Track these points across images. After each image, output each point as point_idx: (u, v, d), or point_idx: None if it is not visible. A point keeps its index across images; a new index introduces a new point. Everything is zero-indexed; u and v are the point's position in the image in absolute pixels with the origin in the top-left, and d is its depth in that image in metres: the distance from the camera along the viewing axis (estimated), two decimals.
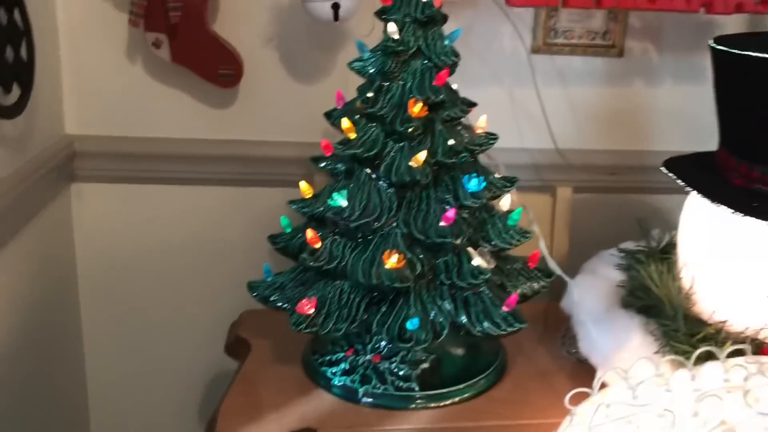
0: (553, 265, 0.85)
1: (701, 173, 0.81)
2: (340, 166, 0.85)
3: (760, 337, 0.73)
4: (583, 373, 0.89)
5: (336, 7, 1.05)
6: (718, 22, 1.31)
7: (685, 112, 1.34)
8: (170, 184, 1.29)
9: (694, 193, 0.83)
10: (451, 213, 0.77)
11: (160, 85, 1.23)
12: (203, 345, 1.33)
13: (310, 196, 0.87)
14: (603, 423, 0.67)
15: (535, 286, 0.87)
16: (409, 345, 0.75)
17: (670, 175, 0.81)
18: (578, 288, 0.87)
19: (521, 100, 1.31)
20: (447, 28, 0.86)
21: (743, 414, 0.59)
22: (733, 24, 1.30)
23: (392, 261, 0.76)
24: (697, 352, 0.68)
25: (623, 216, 1.37)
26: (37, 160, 1.10)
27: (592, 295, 0.86)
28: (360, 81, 1.25)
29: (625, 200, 1.35)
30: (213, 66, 1.18)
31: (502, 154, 1.28)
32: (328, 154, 0.87)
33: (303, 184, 0.87)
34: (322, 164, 0.86)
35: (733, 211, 0.72)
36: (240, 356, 0.96)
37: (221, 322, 1.32)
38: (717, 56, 0.78)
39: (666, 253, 0.90)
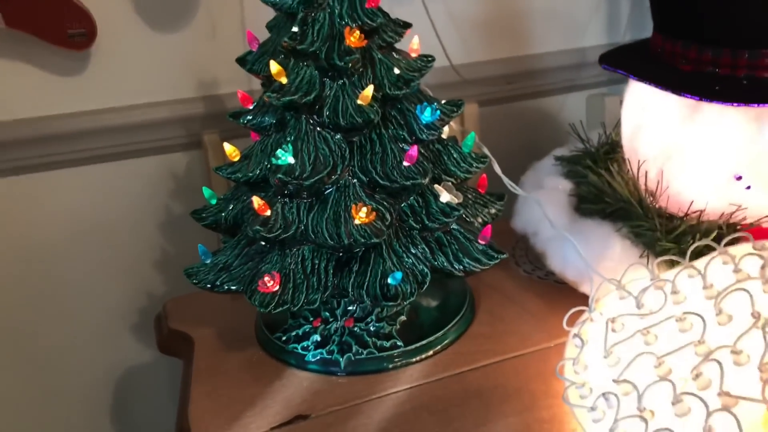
0: (512, 185, 0.81)
1: (645, 64, 0.78)
2: (268, 119, 0.74)
3: (734, 220, 0.73)
4: (550, 290, 0.87)
5: None
6: None
7: (560, 10, 1.34)
8: (29, 172, 1.10)
9: (636, 88, 0.81)
10: (413, 151, 0.70)
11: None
12: (108, 346, 1.19)
13: (237, 158, 0.75)
14: (619, 341, 0.64)
15: (492, 211, 0.82)
16: (397, 302, 0.68)
17: (620, 72, 0.77)
18: (535, 205, 0.83)
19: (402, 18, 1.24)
20: None
21: None
22: None
23: (361, 215, 0.68)
24: (693, 245, 0.67)
25: (527, 124, 1.36)
26: None
27: (550, 209, 0.82)
28: (232, 22, 1.13)
29: (522, 108, 1.34)
30: (60, 26, 1.00)
31: None
32: (249, 107, 0.76)
33: (228, 147, 0.75)
34: (247, 119, 0.74)
35: (699, 98, 0.70)
36: (181, 352, 0.85)
37: (122, 317, 1.19)
38: None
39: (607, 154, 0.89)
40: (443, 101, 0.78)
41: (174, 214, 1.19)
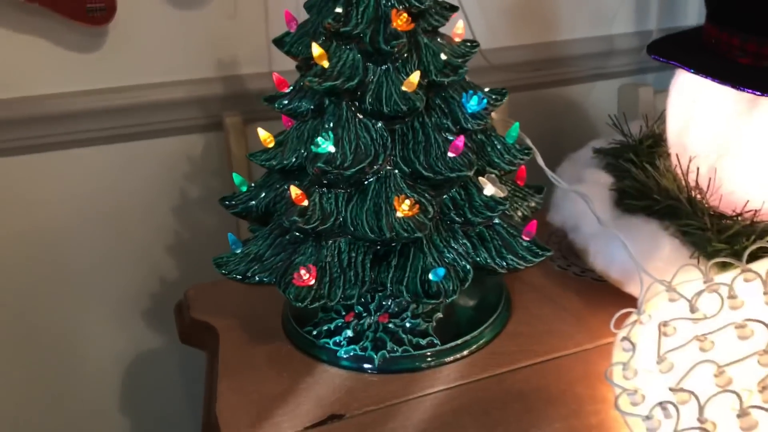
0: (556, 179, 0.77)
1: (698, 56, 0.75)
2: (305, 104, 0.70)
3: None
4: (588, 288, 0.84)
5: None
6: None
7: None
8: (43, 151, 1.06)
9: (686, 80, 0.78)
10: (459, 141, 0.66)
11: (11, 32, 0.99)
12: (119, 332, 1.16)
13: (272, 145, 0.72)
14: (673, 348, 0.61)
15: (532, 204, 0.79)
16: (438, 300, 0.65)
17: (673, 63, 0.74)
18: (577, 198, 0.80)
19: None
20: None
21: None
22: None
23: (404, 208, 0.65)
24: (751, 247, 0.64)
25: (554, 111, 1.33)
26: None
27: (594, 204, 0.79)
28: (254, 0, 1.09)
29: (549, 95, 1.30)
30: (79, 1, 0.95)
31: None
32: (285, 90, 0.72)
33: (262, 132, 0.72)
34: (282, 104, 0.71)
35: (761, 93, 0.66)
36: (204, 344, 0.82)
37: (134, 302, 1.16)
38: None
39: (650, 147, 0.85)
40: (486, 89, 0.74)
41: (189, 198, 1.16)
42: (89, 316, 1.15)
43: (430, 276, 0.66)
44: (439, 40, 0.71)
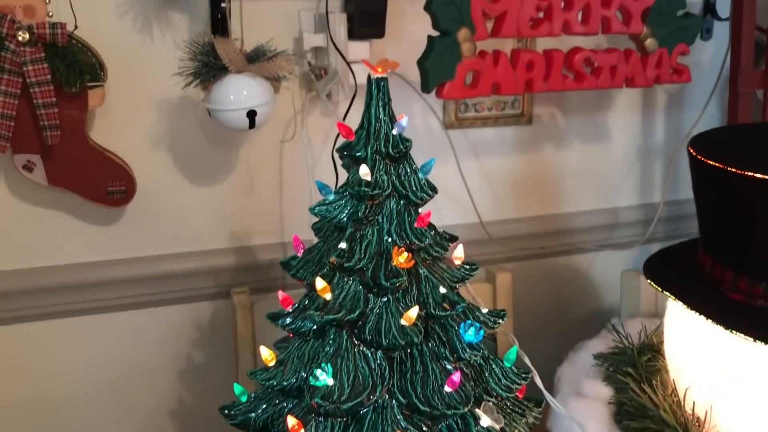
0: (555, 404, 0.78)
1: (692, 286, 0.76)
2: (308, 324, 0.72)
3: None
4: None
5: (252, 114, 0.92)
6: None
7: (593, 171, 1.34)
8: (63, 317, 1.09)
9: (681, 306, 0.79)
10: (456, 377, 0.67)
11: (37, 208, 1.04)
12: None
13: (273, 363, 0.73)
14: None
15: (530, 420, 0.79)
16: None
17: (668, 295, 0.75)
18: (574, 416, 0.80)
19: (436, 177, 1.24)
20: None
21: None
22: None
23: None
24: None
25: (557, 280, 1.34)
26: None
27: (592, 424, 0.79)
28: (270, 177, 1.13)
29: (553, 264, 1.32)
30: (100, 184, 1.00)
31: None
32: (289, 309, 0.74)
33: (264, 352, 0.73)
34: (286, 323, 0.73)
35: (753, 339, 0.67)
36: None
37: None
38: (703, 168, 0.74)
39: (649, 361, 0.86)
40: (485, 310, 0.76)
41: (194, 363, 1.17)
42: None
43: None
44: (439, 264, 0.74)
